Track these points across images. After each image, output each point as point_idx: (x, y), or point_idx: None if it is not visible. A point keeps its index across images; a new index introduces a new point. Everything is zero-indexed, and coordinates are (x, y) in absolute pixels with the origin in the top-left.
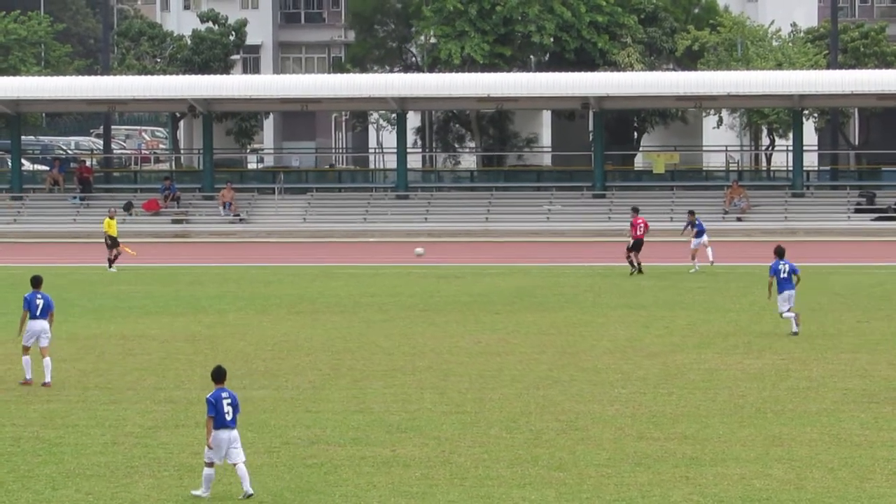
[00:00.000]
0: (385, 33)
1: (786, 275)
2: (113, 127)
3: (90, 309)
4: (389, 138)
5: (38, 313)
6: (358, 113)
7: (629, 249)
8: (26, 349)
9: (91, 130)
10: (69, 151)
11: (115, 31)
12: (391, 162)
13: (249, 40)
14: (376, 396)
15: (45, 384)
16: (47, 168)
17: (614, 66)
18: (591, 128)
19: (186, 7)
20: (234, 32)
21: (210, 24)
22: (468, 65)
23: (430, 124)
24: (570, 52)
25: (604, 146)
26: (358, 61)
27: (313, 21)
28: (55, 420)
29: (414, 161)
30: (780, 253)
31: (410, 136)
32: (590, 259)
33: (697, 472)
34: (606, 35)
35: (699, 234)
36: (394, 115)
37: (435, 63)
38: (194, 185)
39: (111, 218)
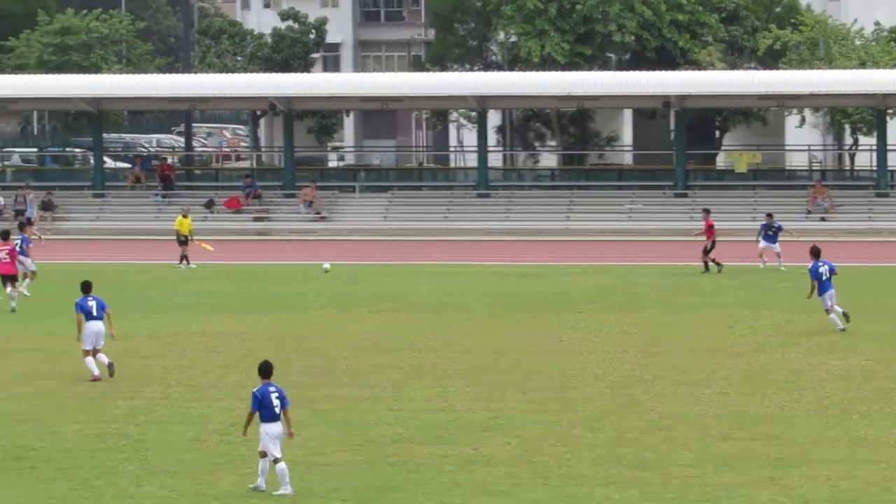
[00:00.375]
0: (465, 31)
1: (827, 275)
2: (194, 125)
3: (172, 306)
4: (470, 137)
5: (94, 314)
6: (438, 111)
7: (706, 251)
8: (87, 352)
9: (172, 128)
10: (151, 149)
11: (196, 29)
12: (472, 160)
13: (329, 38)
14: (459, 395)
15: (99, 377)
16: (129, 166)
17: (695, 64)
18: (672, 127)
19: (267, 5)
20: (314, 31)
21: (290, 22)
22: (548, 64)
23: (510, 123)
24: (650, 50)
25: (685, 145)
26: (438, 60)
27: (393, 19)
28: (138, 417)
29: (494, 160)
30: (816, 253)
31: (491, 135)
32: (671, 258)
33: (783, 473)
34: (687, 34)
35: (773, 238)
36: (474, 113)
37: (515, 61)
38: (275, 183)
39: (184, 217)
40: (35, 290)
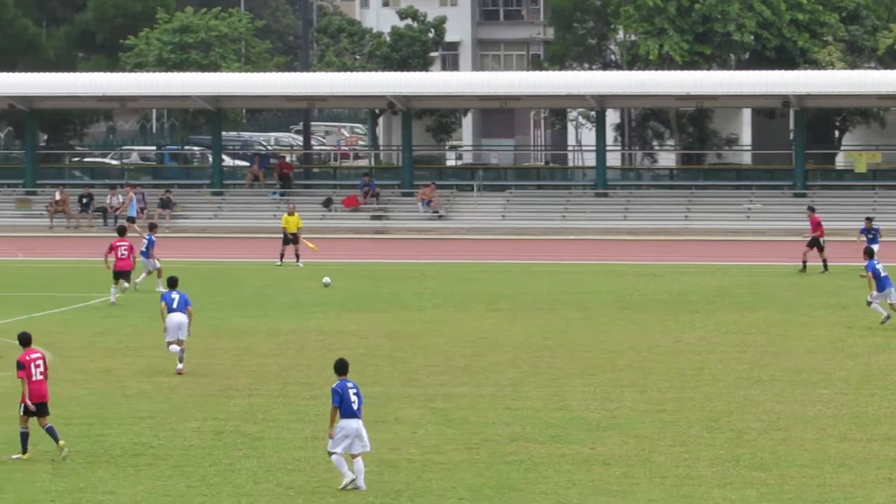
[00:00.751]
0: (584, 30)
1: (885, 273)
2: (312, 123)
3: (289, 304)
4: (588, 136)
5: (174, 306)
6: (557, 110)
7: (821, 249)
8: (169, 343)
9: (291, 127)
10: (269, 147)
11: (315, 27)
12: (590, 159)
13: (448, 37)
14: (576, 394)
15: (178, 372)
16: (247, 164)
17: (815, 64)
18: (791, 126)
19: (386, 4)
20: (433, 29)
21: (409, 20)
22: (667, 63)
23: (629, 122)
24: (770, 50)
25: (804, 145)
26: (557, 59)
27: (512, 18)
28: (256, 414)
29: (613, 159)
30: (870, 254)
31: (609, 134)
32: (790, 258)
33: None
34: (807, 33)
35: (873, 241)
36: (593, 112)
37: (634, 61)
38: (393, 182)
39: (290, 214)
40: (152, 288)
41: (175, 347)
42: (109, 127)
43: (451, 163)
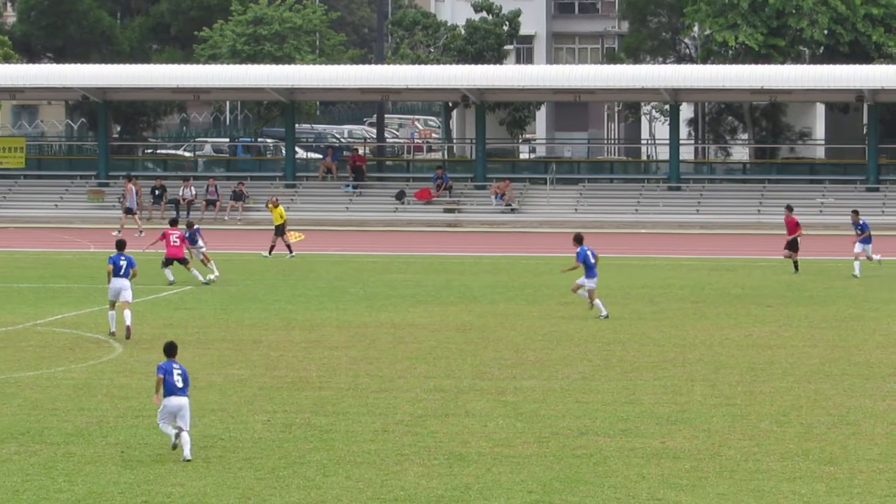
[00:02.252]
0: (658, 24)
1: None
2: (386, 116)
3: (362, 297)
4: (662, 129)
5: (121, 273)
6: (630, 104)
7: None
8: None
9: (364, 119)
10: (342, 140)
11: (390, 20)
12: (663, 153)
13: (523, 30)
14: (646, 388)
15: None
16: (321, 156)
17: (890, 59)
18: (865, 121)
19: None
20: (507, 22)
21: (484, 13)
22: (742, 56)
23: (702, 115)
24: (844, 45)
25: (878, 139)
26: (631, 52)
27: (587, 11)
28: (326, 407)
29: (686, 152)
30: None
31: (683, 128)
32: (862, 253)
33: None
34: (882, 28)
35: (864, 238)
36: (666, 106)
37: (708, 55)
38: (466, 175)
39: (275, 206)
40: (223, 280)
41: (112, 315)
42: (183, 119)
43: (524, 156)
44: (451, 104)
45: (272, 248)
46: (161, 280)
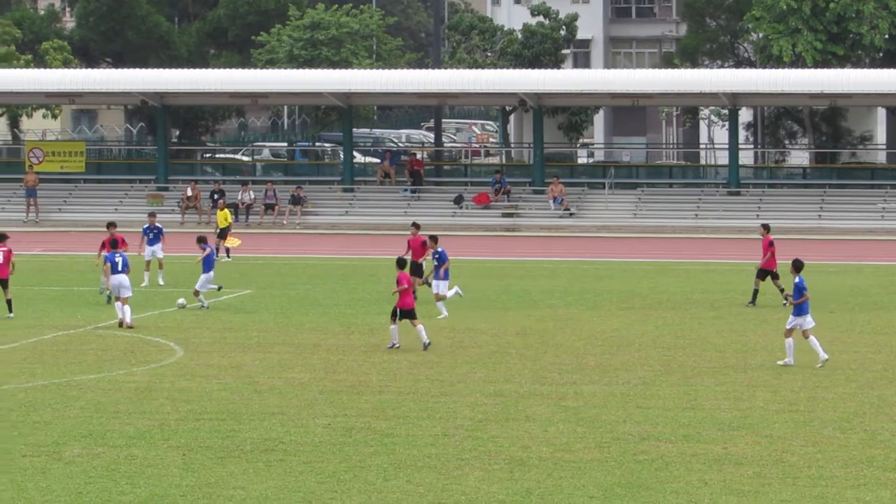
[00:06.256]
0: (717, 27)
1: None
2: (443, 120)
3: (421, 301)
4: (720, 134)
5: (119, 269)
6: (688, 108)
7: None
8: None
9: (422, 123)
10: (400, 144)
11: (446, 24)
12: (722, 158)
13: (580, 35)
14: (707, 393)
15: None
16: (378, 160)
17: None
18: None
19: (517, 1)
20: (564, 27)
21: (541, 18)
22: (800, 62)
23: (761, 120)
24: None
25: None
26: (689, 55)
27: (644, 15)
28: (386, 411)
29: (745, 157)
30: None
31: (742, 132)
32: None
33: None
34: None
35: None
36: (725, 110)
37: (768, 59)
38: (524, 180)
39: (220, 209)
40: (282, 284)
41: (119, 306)
42: (241, 123)
43: (582, 160)
44: (508, 108)
45: (226, 250)
46: (218, 284)
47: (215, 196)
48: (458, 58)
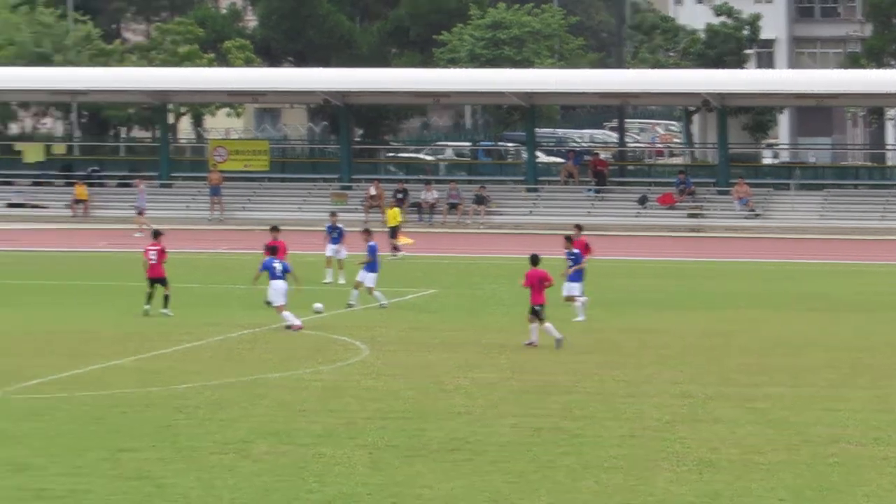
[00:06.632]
0: None
1: None
2: (626, 120)
3: (602, 301)
4: None
5: (277, 274)
6: (875, 108)
7: None
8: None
9: (605, 123)
10: (583, 144)
11: (629, 24)
12: None
13: (763, 34)
14: None
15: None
16: (562, 160)
17: None
18: None
19: (699, 1)
20: (748, 26)
21: (724, 17)
22: None
23: None
24: None
25: None
26: (874, 55)
27: (828, 15)
28: (574, 411)
29: None
30: None
31: None
32: None
33: None
34: None
35: None
36: None
37: None
38: (709, 180)
39: (391, 208)
40: (468, 283)
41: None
42: (424, 122)
43: (767, 161)
44: (691, 109)
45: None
46: (403, 283)
47: (398, 195)
48: (641, 57)
